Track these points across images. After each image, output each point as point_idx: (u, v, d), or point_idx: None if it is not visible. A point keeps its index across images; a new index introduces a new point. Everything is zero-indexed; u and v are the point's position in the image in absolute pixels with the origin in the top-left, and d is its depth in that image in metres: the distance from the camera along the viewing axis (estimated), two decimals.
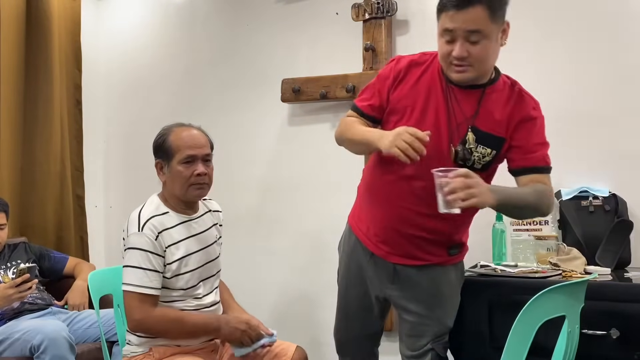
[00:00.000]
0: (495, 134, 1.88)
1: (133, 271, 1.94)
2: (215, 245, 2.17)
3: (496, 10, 1.76)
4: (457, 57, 1.78)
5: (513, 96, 1.91)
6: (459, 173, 1.68)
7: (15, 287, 2.52)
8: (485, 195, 1.70)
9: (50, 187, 3.39)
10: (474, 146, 1.88)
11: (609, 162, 2.59)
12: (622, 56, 2.58)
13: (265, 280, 3.30)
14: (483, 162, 1.90)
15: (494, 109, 1.88)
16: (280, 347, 2.17)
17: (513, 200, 1.84)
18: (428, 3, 2.93)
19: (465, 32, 1.75)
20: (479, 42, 1.76)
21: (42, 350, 2.38)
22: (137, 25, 3.72)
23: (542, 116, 1.94)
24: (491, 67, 1.88)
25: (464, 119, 1.88)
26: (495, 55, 1.84)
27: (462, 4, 1.73)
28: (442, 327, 2.06)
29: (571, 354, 1.69)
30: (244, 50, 3.39)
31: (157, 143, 2.06)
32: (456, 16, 1.75)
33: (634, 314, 2.03)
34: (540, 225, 2.46)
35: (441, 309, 2.06)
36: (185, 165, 2.01)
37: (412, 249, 2.00)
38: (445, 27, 1.78)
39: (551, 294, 1.56)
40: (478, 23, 1.74)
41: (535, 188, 1.87)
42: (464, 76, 1.83)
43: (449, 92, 1.89)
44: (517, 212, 1.95)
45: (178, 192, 2.04)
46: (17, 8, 3.29)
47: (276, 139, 3.28)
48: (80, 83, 3.63)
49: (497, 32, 1.79)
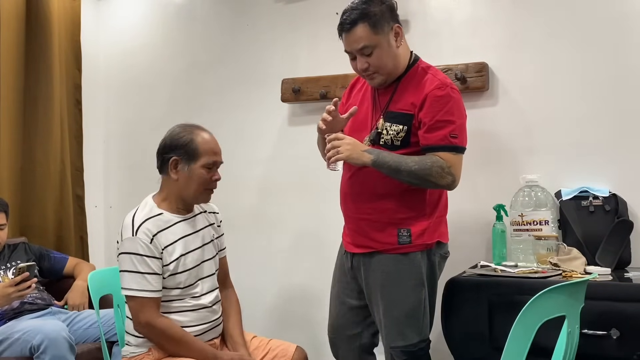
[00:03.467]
0: (404, 112, 2.11)
1: (131, 275, 1.95)
2: (211, 244, 2.18)
3: (376, 23, 2.05)
4: (360, 70, 2.13)
5: (424, 78, 2.13)
6: (330, 137, 2.05)
7: (15, 286, 2.51)
8: (355, 153, 2.03)
9: (50, 187, 3.39)
10: (382, 129, 2.13)
11: (609, 162, 2.58)
12: (622, 56, 2.58)
13: (266, 280, 3.30)
14: (399, 138, 2.11)
15: (408, 93, 2.13)
16: (280, 347, 2.18)
17: (390, 164, 2.05)
18: (428, 3, 2.93)
19: (357, 50, 2.08)
20: (372, 53, 2.08)
21: (42, 350, 2.37)
22: (137, 25, 3.72)
23: (449, 95, 2.08)
24: (396, 64, 2.13)
25: (381, 109, 2.17)
26: (393, 57, 2.11)
27: (346, 28, 2.08)
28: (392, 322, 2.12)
29: (571, 354, 1.68)
30: (244, 50, 3.39)
31: (181, 141, 2.05)
32: (346, 39, 2.10)
33: (634, 314, 2.03)
34: (540, 225, 2.46)
35: (386, 301, 2.13)
36: (207, 170, 2.06)
37: (360, 236, 2.20)
38: (344, 49, 2.13)
39: (551, 294, 1.56)
40: (364, 40, 2.06)
41: (424, 157, 2.06)
42: (374, 82, 2.16)
43: (375, 93, 2.22)
44: (399, 176, 2.07)
45: (191, 193, 2.07)
46: (17, 8, 3.29)
47: (276, 139, 3.28)
48: (80, 83, 3.62)
49: (387, 39, 2.08)
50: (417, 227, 2.12)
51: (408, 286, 2.12)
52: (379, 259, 2.15)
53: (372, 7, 2.06)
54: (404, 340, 2.12)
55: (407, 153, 2.08)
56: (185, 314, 2.05)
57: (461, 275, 2.38)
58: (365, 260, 2.19)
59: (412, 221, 2.13)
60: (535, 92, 2.72)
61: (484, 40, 2.80)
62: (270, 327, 3.16)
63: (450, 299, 2.30)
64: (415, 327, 2.13)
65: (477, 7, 2.84)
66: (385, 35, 2.08)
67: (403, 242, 2.12)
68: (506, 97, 2.77)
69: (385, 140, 2.12)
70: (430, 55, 2.86)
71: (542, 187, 2.54)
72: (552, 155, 2.68)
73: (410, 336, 2.12)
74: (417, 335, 2.13)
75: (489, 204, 2.63)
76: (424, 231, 2.13)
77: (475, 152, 2.80)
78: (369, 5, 2.07)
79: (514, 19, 2.76)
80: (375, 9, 2.06)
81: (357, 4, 2.09)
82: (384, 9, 2.08)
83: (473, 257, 2.72)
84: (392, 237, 2.13)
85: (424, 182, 2.07)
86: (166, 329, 1.96)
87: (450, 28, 2.88)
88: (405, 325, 2.12)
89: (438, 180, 2.06)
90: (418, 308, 2.13)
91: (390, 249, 2.13)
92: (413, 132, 2.10)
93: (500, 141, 2.77)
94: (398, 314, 2.12)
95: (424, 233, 2.13)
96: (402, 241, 2.12)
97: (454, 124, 2.07)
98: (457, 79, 2.74)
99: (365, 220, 2.18)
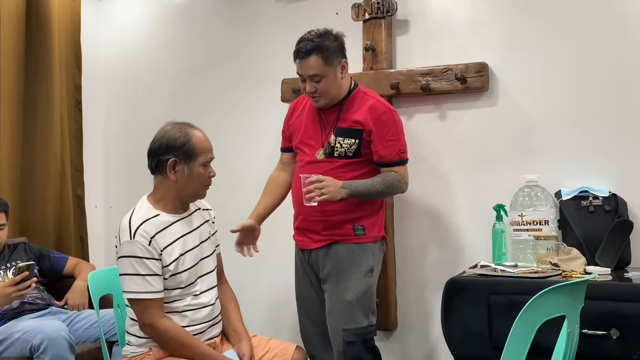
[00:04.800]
0: (355, 127, 2.41)
1: (131, 278, 1.95)
2: (209, 241, 2.18)
3: (328, 57, 2.35)
4: (309, 92, 2.42)
5: (367, 103, 2.44)
6: (312, 180, 2.28)
7: (15, 285, 2.52)
8: (334, 192, 2.29)
9: (50, 187, 3.39)
10: (335, 143, 2.42)
11: (609, 162, 2.58)
12: (622, 56, 2.57)
13: (265, 280, 3.30)
14: (353, 150, 2.41)
15: (353, 112, 2.44)
16: (280, 346, 2.18)
17: (362, 191, 2.37)
18: (428, 3, 2.93)
19: (308, 76, 2.37)
20: (320, 80, 2.37)
21: (42, 350, 2.38)
22: (137, 25, 3.72)
23: (393, 118, 2.44)
24: (339, 92, 2.44)
25: (330, 126, 2.46)
26: (337, 86, 2.42)
27: (301, 56, 2.37)
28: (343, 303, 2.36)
29: (571, 354, 1.68)
30: (244, 50, 3.39)
31: (178, 142, 2.05)
32: (301, 64, 2.38)
33: (634, 314, 2.03)
34: (540, 225, 2.46)
35: (341, 287, 2.39)
36: (205, 168, 2.09)
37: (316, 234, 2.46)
38: (297, 71, 2.42)
39: (551, 294, 1.56)
40: (315, 68, 2.35)
41: (385, 177, 2.41)
42: (319, 104, 2.45)
43: (321, 112, 2.49)
44: (370, 197, 2.43)
45: (191, 191, 2.09)
46: (17, 8, 3.30)
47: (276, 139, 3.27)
48: (80, 83, 3.63)
49: (335, 71, 2.38)
50: (369, 223, 2.44)
51: (360, 272, 2.40)
52: (335, 248, 2.43)
53: (326, 42, 2.36)
54: (355, 322, 2.36)
55: (358, 162, 2.42)
56: (186, 313, 2.05)
57: (461, 275, 2.38)
58: (322, 252, 2.45)
59: (364, 219, 2.43)
60: (535, 92, 2.72)
61: (484, 40, 2.80)
62: (267, 326, 3.15)
63: (450, 299, 2.30)
64: (364, 311, 2.38)
65: (477, 7, 2.84)
66: (334, 67, 2.38)
67: (359, 234, 2.42)
68: (506, 97, 2.76)
69: (340, 152, 2.42)
70: (430, 55, 2.89)
71: (542, 187, 2.54)
72: (552, 155, 2.68)
73: (361, 319, 2.37)
74: (366, 319, 2.38)
75: (489, 204, 2.63)
76: (374, 226, 2.46)
77: (475, 152, 2.81)
78: (324, 40, 2.36)
79: (514, 19, 2.76)
80: (328, 44, 2.36)
81: (313, 36, 2.37)
82: (336, 46, 2.39)
83: (473, 257, 2.72)
84: (348, 230, 2.42)
85: (388, 195, 2.57)
86: (169, 331, 1.96)
87: (450, 28, 2.88)
88: (356, 308, 2.36)
89: (398, 191, 2.48)
90: (368, 293, 2.40)
91: (346, 239, 2.42)
92: (364, 145, 2.41)
93: (500, 141, 2.77)
94: (351, 298, 2.37)
95: (374, 228, 2.46)
96: (357, 233, 2.42)
97: (400, 142, 2.45)
98: (457, 79, 2.74)
99: (322, 221, 2.43)
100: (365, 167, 2.44)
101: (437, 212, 2.89)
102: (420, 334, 2.92)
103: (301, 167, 2.51)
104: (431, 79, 2.80)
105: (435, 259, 2.89)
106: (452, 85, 2.77)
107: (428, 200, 2.89)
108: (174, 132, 2.07)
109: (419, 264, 2.92)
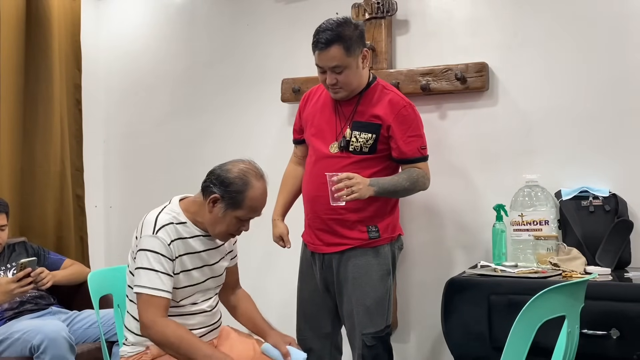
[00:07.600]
0: (372, 122, 2.33)
1: (146, 273, 1.91)
2: (223, 261, 2.13)
3: (350, 47, 2.24)
4: (329, 84, 2.31)
5: (386, 97, 2.36)
6: (341, 177, 2.16)
7: (17, 282, 2.52)
8: (364, 190, 2.17)
9: (50, 187, 3.39)
10: (351, 137, 2.33)
11: (609, 162, 2.58)
12: (622, 56, 2.58)
13: (267, 280, 3.30)
14: (368, 146, 2.32)
15: (371, 106, 2.35)
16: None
17: (390, 189, 2.28)
18: (428, 3, 2.93)
19: (330, 67, 2.26)
20: (342, 72, 2.27)
21: (42, 350, 2.38)
22: (137, 25, 3.72)
23: (414, 113, 2.36)
24: (359, 83, 2.34)
25: (346, 119, 2.37)
26: (358, 77, 2.32)
27: (322, 47, 2.24)
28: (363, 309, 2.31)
29: (571, 354, 1.69)
30: (244, 50, 3.39)
31: (232, 187, 1.95)
32: (321, 55, 2.26)
33: (634, 314, 2.03)
34: (540, 225, 2.46)
35: (358, 292, 2.32)
36: (240, 221, 1.99)
37: (330, 235, 2.37)
38: (316, 63, 2.30)
39: (551, 294, 1.56)
40: (337, 59, 2.24)
41: (410, 173, 2.34)
42: (338, 96, 2.35)
43: (337, 104, 2.40)
44: (396, 195, 2.38)
45: (215, 230, 2.00)
46: (17, 8, 3.29)
47: (276, 139, 3.28)
48: (80, 83, 3.63)
49: (356, 61, 2.28)
50: (383, 222, 2.37)
51: (377, 277, 2.34)
52: (350, 254, 2.35)
53: (347, 30, 2.25)
54: (374, 326, 2.32)
55: (373, 159, 2.34)
56: (185, 317, 2.03)
57: (461, 275, 2.39)
58: (337, 257, 2.38)
59: (378, 218, 2.35)
60: (535, 92, 2.72)
61: (484, 40, 2.80)
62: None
63: (450, 299, 2.30)
64: (383, 314, 2.35)
65: (477, 7, 2.84)
66: (356, 58, 2.28)
67: (373, 237, 2.34)
68: (506, 97, 2.77)
69: (355, 147, 2.33)
70: (430, 55, 2.89)
71: (542, 187, 2.54)
72: (552, 155, 2.68)
73: (379, 322, 2.34)
74: (384, 321, 2.35)
75: (489, 204, 2.63)
76: (388, 226, 2.38)
77: (475, 152, 2.81)
78: (345, 29, 2.24)
79: (514, 19, 2.76)
80: (350, 33, 2.25)
81: (332, 25, 2.25)
82: (357, 34, 2.27)
83: (473, 257, 2.73)
84: (363, 233, 2.34)
85: (413, 192, 2.40)
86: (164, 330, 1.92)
87: (450, 28, 2.88)
88: (375, 313, 2.33)
89: (422, 187, 2.39)
90: (385, 296, 2.36)
91: (362, 245, 2.34)
92: (381, 140, 2.33)
93: (500, 141, 2.77)
94: (370, 303, 2.32)
95: (388, 227, 2.39)
96: (372, 236, 2.34)
97: (422, 137, 2.37)
98: (457, 79, 2.74)
99: (335, 219, 2.35)
100: (380, 164, 2.36)
101: (437, 212, 2.89)
102: (420, 334, 2.92)
103: (314, 162, 2.41)
104: (431, 78, 2.80)
105: (435, 259, 2.89)
106: (452, 85, 2.77)
107: (428, 200, 2.88)
108: (237, 174, 1.97)
109: (419, 264, 2.92)
